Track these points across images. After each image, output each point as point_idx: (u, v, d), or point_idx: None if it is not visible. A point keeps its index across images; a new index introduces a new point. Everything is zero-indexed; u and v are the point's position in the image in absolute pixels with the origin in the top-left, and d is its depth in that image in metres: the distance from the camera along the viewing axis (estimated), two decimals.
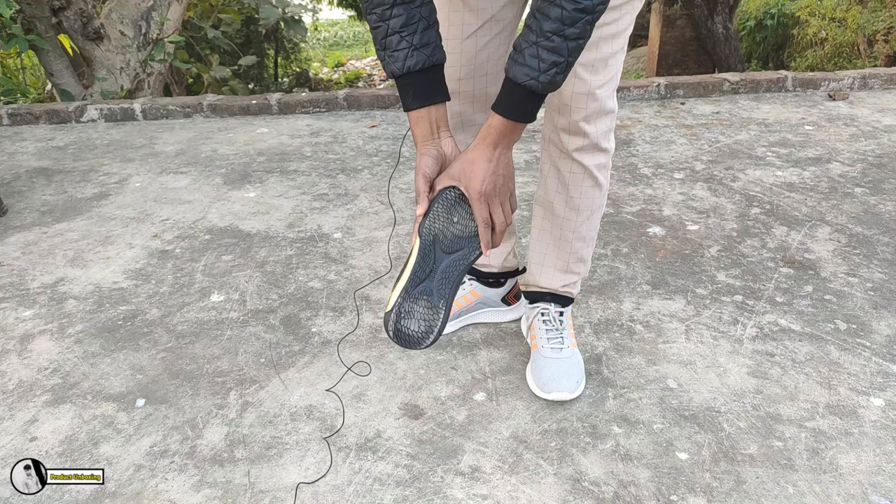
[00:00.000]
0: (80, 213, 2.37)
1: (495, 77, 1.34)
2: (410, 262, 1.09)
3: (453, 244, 1.11)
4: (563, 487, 1.22)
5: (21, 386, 1.52)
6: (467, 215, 1.10)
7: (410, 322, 1.08)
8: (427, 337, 1.09)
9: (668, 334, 1.63)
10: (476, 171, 1.06)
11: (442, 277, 1.10)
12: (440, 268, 1.10)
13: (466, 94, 1.34)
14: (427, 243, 1.09)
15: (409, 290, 1.08)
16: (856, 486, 1.20)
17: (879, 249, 1.99)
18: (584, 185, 1.35)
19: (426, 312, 1.09)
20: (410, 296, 1.08)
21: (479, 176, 1.06)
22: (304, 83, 8.82)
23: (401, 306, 1.08)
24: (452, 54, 1.30)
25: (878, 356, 1.54)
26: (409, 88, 1.08)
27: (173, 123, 3.37)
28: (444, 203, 1.09)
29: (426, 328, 1.09)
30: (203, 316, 1.76)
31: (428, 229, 1.09)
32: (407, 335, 1.09)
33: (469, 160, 1.07)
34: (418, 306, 1.09)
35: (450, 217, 1.10)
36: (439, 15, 1.28)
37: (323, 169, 2.71)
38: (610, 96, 1.26)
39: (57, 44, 4.25)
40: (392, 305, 1.08)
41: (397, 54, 1.05)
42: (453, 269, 1.11)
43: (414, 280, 1.09)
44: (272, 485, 1.24)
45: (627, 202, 2.34)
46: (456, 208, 1.10)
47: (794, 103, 3.36)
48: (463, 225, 1.11)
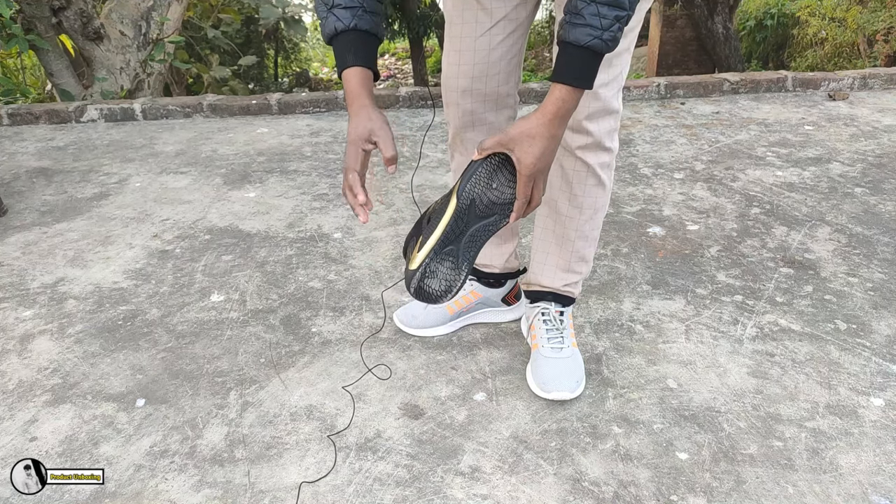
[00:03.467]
0: (80, 213, 2.37)
1: (507, 76, 1.34)
2: (442, 223, 1.09)
3: (488, 209, 1.11)
4: (563, 487, 1.22)
5: (21, 386, 1.52)
6: (506, 182, 1.10)
7: (433, 281, 1.11)
8: (446, 295, 1.12)
9: (668, 334, 1.63)
10: (534, 147, 1.03)
11: (469, 240, 1.12)
12: (470, 231, 1.11)
13: (478, 92, 1.34)
14: (464, 206, 1.09)
15: (437, 251, 1.10)
16: (856, 486, 1.20)
17: (879, 249, 1.99)
18: (588, 184, 1.35)
19: (449, 273, 1.11)
20: (438, 256, 1.10)
21: (537, 152, 1.03)
22: (304, 83, 8.81)
23: (427, 266, 1.10)
24: (466, 52, 1.30)
25: (878, 356, 1.54)
26: (350, 46, 1.08)
27: (173, 123, 3.37)
28: (488, 168, 1.09)
29: (446, 287, 1.12)
30: (203, 316, 1.76)
31: (468, 193, 1.09)
32: (427, 293, 1.12)
33: (528, 134, 1.03)
34: (443, 266, 1.11)
35: (489, 183, 1.10)
36: (454, 14, 1.29)
37: (323, 169, 2.71)
38: (614, 96, 1.26)
39: (57, 44, 4.25)
40: (418, 264, 1.09)
41: (346, 12, 1.06)
42: (482, 234, 1.12)
43: (444, 241, 1.10)
44: (272, 485, 1.24)
45: (627, 202, 2.34)
46: (497, 174, 1.10)
47: (794, 103, 3.36)
48: (500, 191, 1.10)
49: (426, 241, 1.10)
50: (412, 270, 1.10)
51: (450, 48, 1.33)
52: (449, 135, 1.46)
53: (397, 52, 12.90)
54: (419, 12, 8.48)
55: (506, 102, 1.38)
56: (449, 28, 1.32)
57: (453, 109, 1.39)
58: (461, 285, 1.13)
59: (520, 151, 1.04)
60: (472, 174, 1.09)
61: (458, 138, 1.43)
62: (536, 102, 3.45)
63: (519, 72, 1.37)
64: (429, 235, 1.10)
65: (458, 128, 1.41)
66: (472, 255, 1.13)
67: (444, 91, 1.39)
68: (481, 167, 1.09)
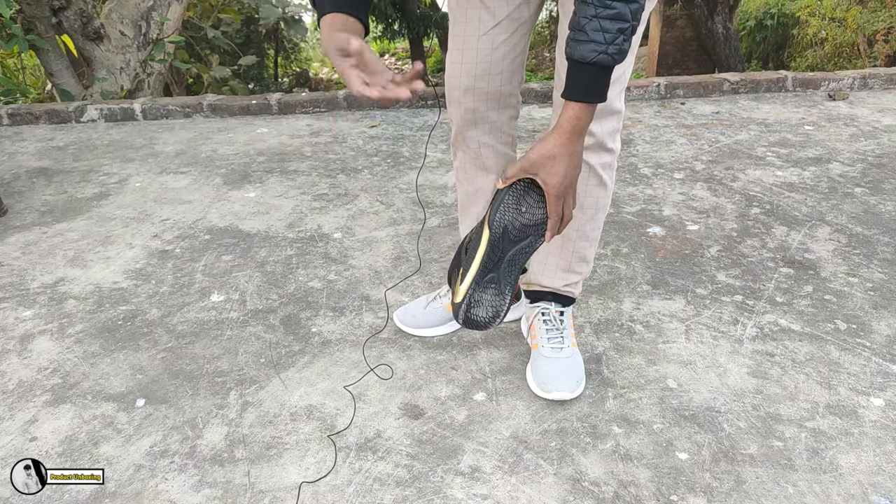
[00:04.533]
0: (80, 213, 2.37)
1: (510, 76, 1.35)
2: (479, 254, 1.12)
3: (521, 233, 1.13)
4: (563, 487, 1.22)
5: (21, 386, 1.52)
6: (535, 204, 1.11)
7: (479, 310, 1.15)
8: (494, 321, 1.16)
9: (668, 334, 1.63)
10: (557, 167, 1.04)
11: (508, 265, 1.14)
12: (507, 257, 1.14)
13: (481, 90, 1.35)
14: (497, 235, 1.12)
15: (478, 281, 1.13)
16: (856, 486, 1.20)
17: (879, 249, 1.99)
18: (589, 184, 1.35)
19: (493, 300, 1.15)
20: (480, 286, 1.14)
21: (561, 172, 1.04)
22: (304, 83, 8.81)
23: (471, 297, 1.13)
24: (469, 51, 1.31)
25: (878, 356, 1.54)
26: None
27: (173, 123, 3.37)
28: (515, 194, 1.11)
29: (493, 313, 1.15)
30: (203, 316, 1.76)
31: (499, 222, 1.11)
32: (476, 321, 1.15)
33: (549, 155, 1.04)
34: (487, 294, 1.14)
35: (518, 208, 1.11)
36: (457, 13, 1.30)
37: (323, 169, 2.71)
38: (617, 97, 1.26)
39: (57, 44, 4.25)
40: (462, 296, 1.13)
41: None
42: (519, 256, 1.15)
43: (483, 271, 1.13)
44: (272, 485, 1.24)
45: (627, 202, 2.34)
46: (524, 198, 1.11)
47: (794, 103, 3.36)
48: (531, 214, 1.12)
49: (466, 272, 1.13)
50: (458, 303, 1.14)
51: (453, 47, 1.34)
52: (451, 133, 1.47)
53: (397, 52, 12.90)
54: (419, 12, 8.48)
55: (508, 102, 1.39)
56: (452, 27, 1.33)
57: (456, 108, 1.39)
58: (507, 309, 1.16)
59: (544, 174, 1.05)
60: (500, 203, 1.11)
61: (460, 136, 1.43)
62: (537, 102, 3.45)
63: (522, 71, 1.38)
64: (468, 267, 1.13)
65: (460, 126, 1.41)
66: (514, 278, 1.16)
67: (447, 89, 1.40)
68: (508, 194, 1.11)
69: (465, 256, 1.15)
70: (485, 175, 1.47)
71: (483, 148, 1.42)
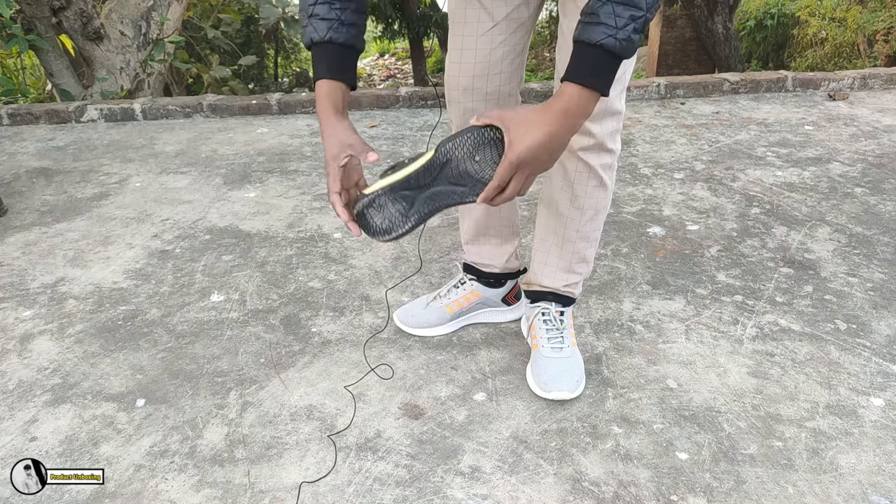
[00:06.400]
0: (80, 213, 2.37)
1: (509, 76, 1.35)
2: (411, 167, 1.05)
3: (460, 177, 1.06)
4: (563, 487, 1.22)
5: (21, 386, 1.52)
6: (490, 160, 1.04)
7: (377, 215, 1.07)
8: (384, 234, 1.08)
9: (668, 334, 1.63)
10: (529, 135, 0.97)
11: (429, 197, 1.07)
12: (433, 189, 1.07)
13: (480, 91, 1.35)
14: (438, 162, 1.05)
15: (394, 188, 1.06)
16: (856, 486, 1.20)
17: (879, 249, 1.99)
18: (590, 185, 1.35)
19: (395, 215, 1.07)
20: (392, 194, 1.06)
21: (529, 142, 0.97)
22: (304, 83, 8.80)
23: (378, 196, 1.06)
24: (467, 51, 1.31)
25: (878, 356, 1.54)
26: (324, 59, 1.09)
27: (173, 123, 3.37)
28: (478, 138, 1.04)
29: (387, 227, 1.08)
30: (203, 316, 1.76)
31: (448, 151, 1.05)
32: (367, 224, 1.08)
33: (528, 120, 0.98)
34: (392, 206, 1.07)
35: (473, 153, 1.04)
36: (457, 13, 1.30)
37: (323, 169, 2.71)
38: (617, 97, 1.26)
39: (57, 44, 4.25)
40: (371, 191, 1.06)
41: (322, 23, 1.06)
42: (444, 197, 1.08)
43: (404, 183, 1.06)
44: (272, 485, 1.24)
45: (627, 202, 2.34)
46: (484, 148, 1.04)
47: (794, 103, 3.36)
48: (480, 167, 1.05)
49: (390, 174, 1.07)
50: (363, 194, 1.07)
51: (452, 47, 1.34)
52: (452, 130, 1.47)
53: (397, 52, 12.90)
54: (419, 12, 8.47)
55: (507, 102, 1.39)
56: (452, 27, 1.34)
57: (455, 107, 1.40)
58: (402, 233, 1.08)
59: (514, 134, 0.99)
60: (460, 136, 1.04)
61: None
62: (538, 102, 3.45)
63: (521, 72, 1.38)
64: (396, 172, 1.07)
65: (459, 126, 1.41)
66: (426, 212, 1.08)
67: (446, 89, 1.40)
68: (472, 133, 1.04)
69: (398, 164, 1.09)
70: None
71: None
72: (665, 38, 7.95)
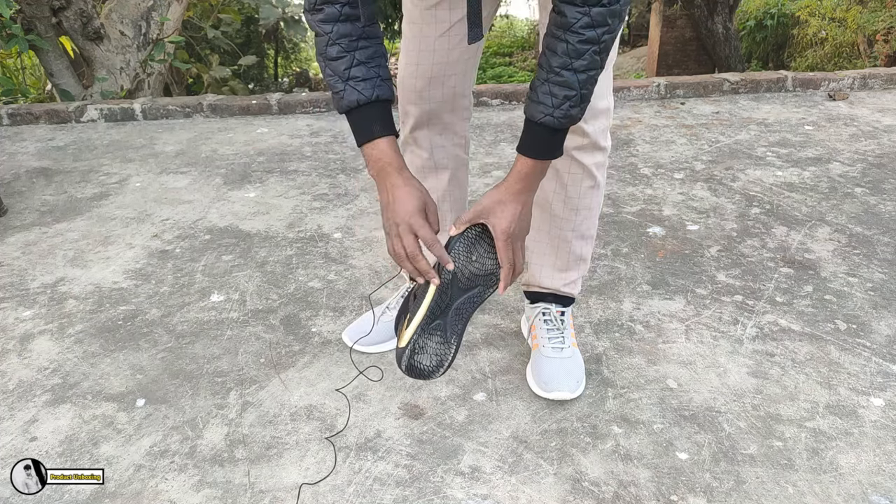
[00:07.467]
0: (80, 213, 2.37)
1: (464, 77, 1.36)
2: (426, 299, 1.10)
3: (470, 282, 1.13)
4: (563, 487, 1.22)
5: (21, 386, 1.52)
6: (485, 254, 1.13)
7: (423, 357, 1.12)
8: (438, 370, 1.13)
9: (668, 334, 1.63)
10: (506, 212, 1.08)
11: (455, 314, 1.13)
12: (455, 305, 1.13)
13: (436, 92, 1.35)
14: (445, 282, 1.11)
15: (424, 327, 1.11)
16: (856, 486, 1.20)
17: (879, 249, 1.99)
18: (583, 186, 1.35)
19: (438, 347, 1.13)
20: (426, 332, 1.12)
21: (509, 217, 1.08)
22: (304, 83, 8.80)
23: (415, 342, 1.11)
24: (425, 52, 1.30)
25: (878, 356, 1.54)
26: (377, 118, 1.09)
27: (173, 123, 3.37)
28: (466, 242, 1.12)
29: (437, 362, 1.13)
30: (203, 316, 1.76)
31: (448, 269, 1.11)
32: (419, 369, 1.13)
33: (498, 200, 1.09)
34: (431, 342, 1.12)
35: (469, 256, 1.12)
36: (414, 13, 1.30)
37: (323, 169, 2.71)
38: (601, 95, 1.25)
39: (57, 44, 4.25)
40: (407, 341, 1.11)
41: (365, 84, 1.06)
42: (467, 307, 1.14)
43: (430, 317, 1.11)
44: (272, 485, 1.24)
45: (627, 202, 2.34)
46: (476, 247, 1.13)
47: (794, 103, 3.36)
48: (481, 263, 1.13)
49: (413, 317, 1.11)
50: (402, 348, 1.11)
51: (410, 48, 1.32)
52: (402, 134, 1.44)
53: (397, 53, 12.91)
54: None
55: (461, 103, 1.40)
56: (408, 27, 1.31)
57: (409, 108, 1.39)
58: (452, 359, 1.15)
59: (493, 218, 1.09)
60: (450, 249, 1.11)
61: (410, 137, 1.43)
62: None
63: (474, 72, 1.39)
64: (415, 312, 1.11)
65: (412, 127, 1.41)
66: (461, 328, 1.15)
67: (400, 91, 1.38)
68: (459, 241, 1.12)
69: (413, 302, 1.13)
70: (435, 175, 1.46)
71: (436, 149, 1.43)
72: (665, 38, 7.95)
